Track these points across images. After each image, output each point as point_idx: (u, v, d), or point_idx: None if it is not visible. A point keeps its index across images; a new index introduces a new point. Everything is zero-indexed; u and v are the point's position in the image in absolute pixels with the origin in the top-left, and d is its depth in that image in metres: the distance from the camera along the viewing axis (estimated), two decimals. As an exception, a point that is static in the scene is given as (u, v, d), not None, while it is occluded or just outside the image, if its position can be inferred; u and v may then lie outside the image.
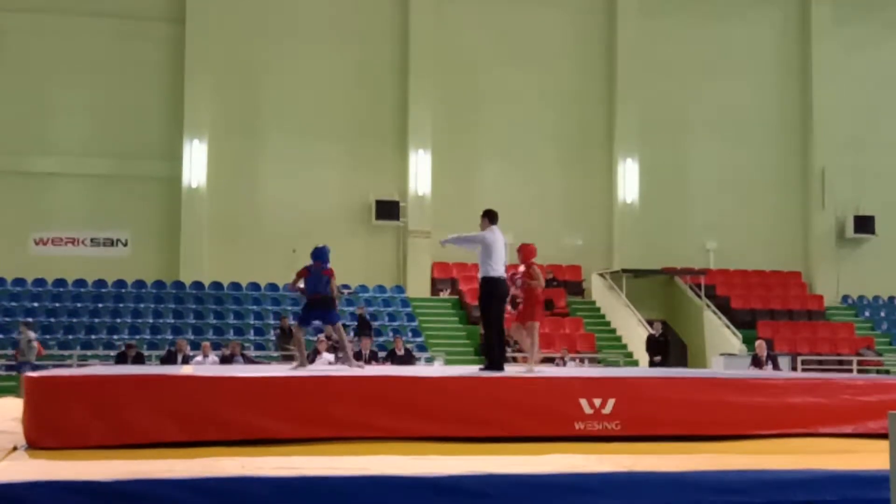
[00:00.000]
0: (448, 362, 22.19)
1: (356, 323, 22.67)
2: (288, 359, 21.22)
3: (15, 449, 7.98)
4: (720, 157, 30.06)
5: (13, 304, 24.92)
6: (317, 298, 11.56)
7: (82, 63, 26.99)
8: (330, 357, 18.72)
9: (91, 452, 7.69)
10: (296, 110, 27.80)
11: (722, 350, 24.70)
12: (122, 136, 27.00)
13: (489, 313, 10.97)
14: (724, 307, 27.53)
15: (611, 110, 29.68)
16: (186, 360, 19.84)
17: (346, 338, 12.49)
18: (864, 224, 30.47)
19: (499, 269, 10.88)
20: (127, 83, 27.12)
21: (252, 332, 24.93)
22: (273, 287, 26.90)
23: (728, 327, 26.12)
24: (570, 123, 29.48)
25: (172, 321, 24.94)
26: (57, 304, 25.11)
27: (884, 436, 5.74)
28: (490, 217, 11.22)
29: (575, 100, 29.53)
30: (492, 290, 10.85)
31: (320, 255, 11.73)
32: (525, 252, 12.04)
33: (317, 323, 13.19)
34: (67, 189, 26.84)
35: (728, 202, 30.00)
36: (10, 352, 22.56)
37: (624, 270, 27.93)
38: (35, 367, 18.44)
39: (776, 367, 18.30)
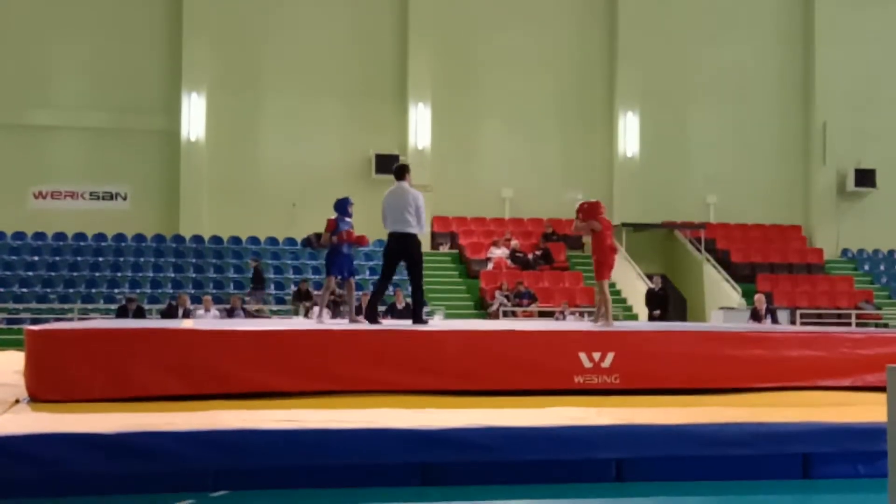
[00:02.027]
0: (448, 316, 22.25)
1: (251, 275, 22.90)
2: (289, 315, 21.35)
3: (17, 402, 8.02)
4: (722, 111, 29.91)
5: (13, 257, 24.92)
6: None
7: (81, 15, 26.77)
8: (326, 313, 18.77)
9: (92, 405, 7.73)
10: (295, 64, 27.61)
11: (721, 304, 24.75)
12: (121, 90, 26.84)
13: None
14: (723, 261, 27.55)
15: (612, 64, 29.47)
16: (187, 314, 19.89)
17: (354, 294, 12.60)
18: (865, 178, 30.39)
19: (385, 226, 10.96)
20: (126, 36, 26.91)
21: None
22: (273, 241, 26.91)
23: (727, 281, 26.15)
24: (571, 77, 29.29)
25: (173, 275, 24.96)
26: (57, 258, 25.12)
27: (882, 389, 5.76)
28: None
29: (576, 54, 29.31)
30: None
31: (334, 206, 11.89)
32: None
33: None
34: (66, 142, 26.74)
35: (729, 156, 29.91)
36: (11, 305, 22.62)
37: (624, 224, 27.90)
38: None
39: (775, 320, 18.36)
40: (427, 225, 28.08)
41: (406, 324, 11.05)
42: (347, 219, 11.98)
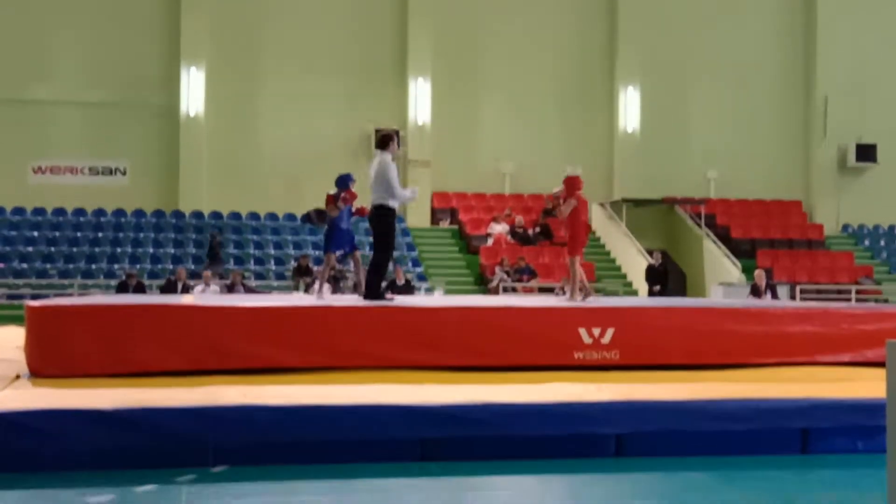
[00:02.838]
0: (448, 292, 22.27)
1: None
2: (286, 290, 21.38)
3: (18, 377, 8.04)
4: (722, 86, 29.79)
5: (13, 233, 24.91)
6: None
7: (79, -10, 26.65)
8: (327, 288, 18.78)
9: (93, 381, 7.74)
10: (295, 38, 27.48)
11: (721, 279, 24.76)
12: (121, 64, 26.72)
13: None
14: (723, 236, 27.52)
15: (612, 38, 29.33)
16: (187, 289, 19.90)
17: (363, 269, 12.51)
18: (866, 152, 30.31)
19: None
20: (125, 11, 26.77)
21: (252, 261, 24.95)
22: (272, 217, 26.89)
23: (727, 257, 26.14)
24: (571, 52, 29.15)
25: (172, 251, 24.95)
26: (56, 234, 25.11)
27: (881, 364, 5.77)
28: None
29: (577, 28, 29.16)
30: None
31: (336, 182, 11.81)
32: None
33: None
34: (66, 118, 26.65)
35: (729, 131, 29.81)
36: (11, 280, 22.63)
37: (624, 200, 27.86)
38: None
39: (775, 296, 18.36)
40: (427, 200, 28.13)
41: (406, 300, 11.04)
42: (345, 194, 11.89)
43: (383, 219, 10.53)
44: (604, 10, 29.32)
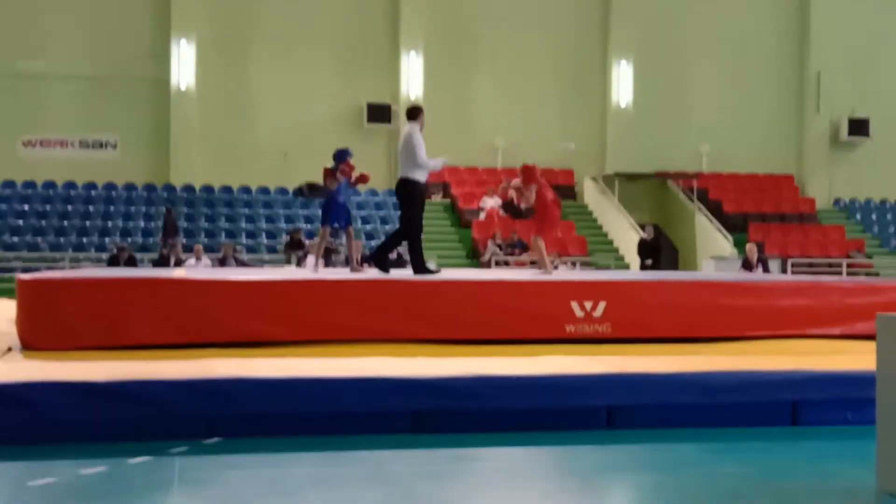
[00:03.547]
0: (440, 266, 22.22)
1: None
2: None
3: (9, 350, 8.03)
4: (715, 61, 29.72)
5: (3, 206, 24.81)
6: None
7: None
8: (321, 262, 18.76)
9: (85, 354, 7.74)
10: (286, 11, 27.30)
11: (713, 253, 24.81)
12: (111, 37, 26.55)
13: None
14: (716, 211, 27.56)
15: (606, 13, 29.21)
16: (179, 263, 19.86)
17: (356, 242, 12.53)
18: (859, 127, 30.34)
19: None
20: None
21: (244, 235, 24.90)
22: (264, 190, 26.83)
23: (719, 231, 26.19)
24: (564, 26, 29.04)
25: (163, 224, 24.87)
26: (47, 207, 25.02)
27: (871, 337, 5.80)
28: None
29: (571, 2, 29.04)
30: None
31: (334, 156, 11.70)
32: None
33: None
34: (56, 91, 26.48)
35: (722, 106, 29.78)
36: (2, 254, 22.57)
37: (616, 174, 27.86)
38: None
39: (766, 270, 18.40)
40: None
41: (400, 273, 11.04)
42: (343, 166, 11.78)
43: (410, 192, 10.50)
44: (597, -16, 29.20)
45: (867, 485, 5.59)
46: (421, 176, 10.50)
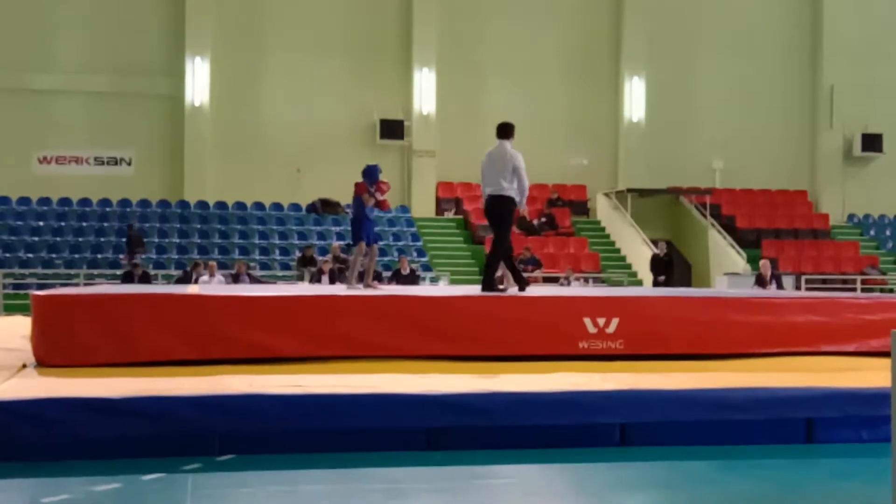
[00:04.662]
0: (452, 282, 22.29)
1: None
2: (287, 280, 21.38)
3: (24, 366, 8.06)
4: (727, 76, 29.74)
5: (18, 223, 24.96)
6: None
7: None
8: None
9: (99, 370, 7.76)
10: (299, 28, 27.47)
11: (726, 269, 24.74)
12: (125, 54, 26.75)
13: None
14: (729, 226, 27.51)
15: (617, 29, 29.27)
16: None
17: (373, 259, 12.56)
18: (872, 142, 30.27)
19: (483, 190, 10.56)
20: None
21: (257, 251, 24.98)
22: (277, 206, 26.90)
23: (732, 247, 26.12)
24: (576, 42, 29.12)
25: (178, 240, 24.99)
26: (62, 224, 25.15)
27: (886, 354, 5.78)
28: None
29: (582, 18, 29.13)
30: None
31: (364, 172, 11.84)
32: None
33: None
34: (70, 107, 26.68)
35: (735, 121, 29.77)
36: (17, 270, 22.69)
37: (629, 190, 27.84)
38: None
39: (780, 286, 18.35)
40: (432, 190, 28.15)
41: (411, 289, 11.04)
42: (380, 184, 11.95)
43: (508, 209, 10.44)
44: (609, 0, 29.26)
45: (883, 503, 5.55)
46: (515, 194, 10.45)
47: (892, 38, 30.47)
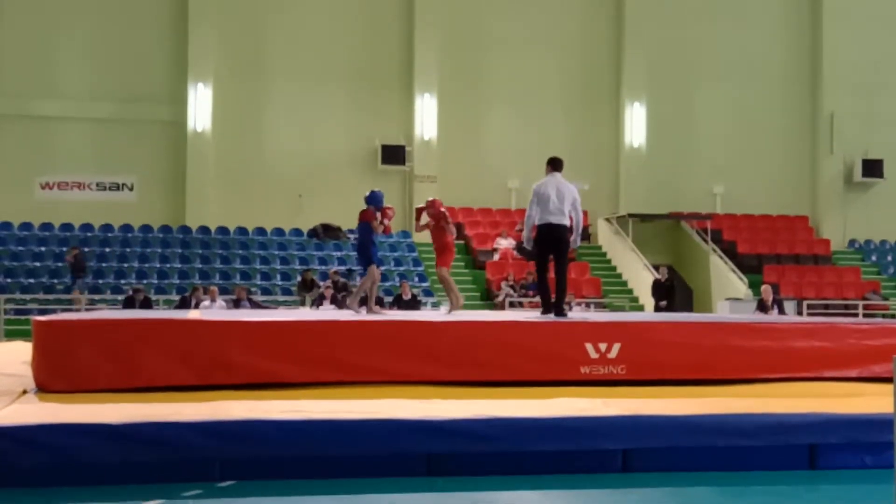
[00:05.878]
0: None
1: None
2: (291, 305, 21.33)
3: (24, 392, 8.04)
4: (728, 102, 29.84)
5: (20, 248, 24.98)
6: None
7: (87, 5, 26.82)
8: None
9: (100, 396, 7.75)
10: (301, 54, 27.61)
11: (727, 295, 24.72)
12: (127, 80, 26.87)
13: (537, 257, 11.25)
14: (730, 252, 27.51)
15: (618, 54, 29.41)
16: (196, 305, 19.94)
17: (376, 284, 12.69)
18: (873, 168, 30.32)
19: (544, 217, 10.88)
20: (132, 26, 26.96)
21: (258, 276, 24.98)
22: (279, 232, 26.93)
23: (734, 272, 26.11)
24: (577, 68, 29.25)
25: (179, 266, 25.00)
26: (64, 249, 25.12)
27: (888, 379, 5.77)
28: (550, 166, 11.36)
29: (582, 44, 29.27)
30: (537, 236, 11.02)
31: (368, 198, 12.02)
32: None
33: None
34: (73, 133, 26.77)
35: (735, 146, 29.84)
36: (18, 296, 22.68)
37: (630, 215, 27.87)
38: None
39: (781, 311, 18.33)
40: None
41: (412, 314, 11.04)
42: (387, 210, 12.17)
43: (567, 236, 11.01)
44: (609, 27, 29.41)
45: (886, 529, 5.53)
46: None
47: (891, 65, 30.58)
